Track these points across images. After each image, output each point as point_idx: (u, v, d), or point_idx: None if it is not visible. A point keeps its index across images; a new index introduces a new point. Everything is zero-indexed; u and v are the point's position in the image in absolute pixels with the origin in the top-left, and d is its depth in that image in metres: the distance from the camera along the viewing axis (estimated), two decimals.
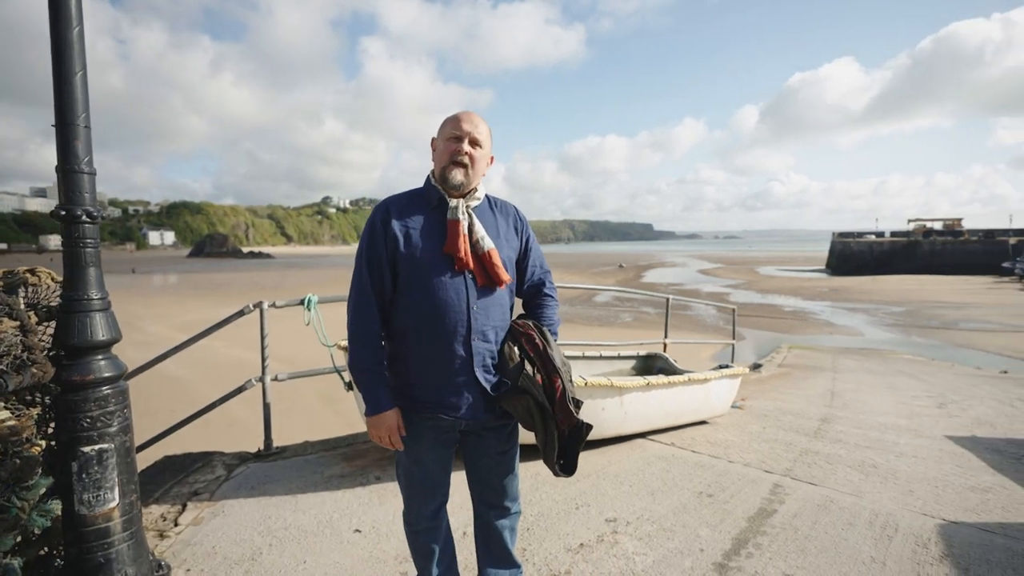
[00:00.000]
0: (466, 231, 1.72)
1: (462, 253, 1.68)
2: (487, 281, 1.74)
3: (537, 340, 1.77)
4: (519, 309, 1.99)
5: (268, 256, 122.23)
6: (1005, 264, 46.15)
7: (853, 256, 56.22)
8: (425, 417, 1.74)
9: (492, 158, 1.86)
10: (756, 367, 9.68)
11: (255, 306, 3.73)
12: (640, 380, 3.78)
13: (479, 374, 1.72)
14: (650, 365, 5.30)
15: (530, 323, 1.84)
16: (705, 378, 4.31)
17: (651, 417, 4.06)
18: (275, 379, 3.83)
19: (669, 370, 5.12)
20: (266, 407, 3.82)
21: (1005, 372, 10.60)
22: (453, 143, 1.73)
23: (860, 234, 60.55)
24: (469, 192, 1.79)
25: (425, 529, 1.86)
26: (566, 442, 1.75)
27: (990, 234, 54.39)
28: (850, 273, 51.01)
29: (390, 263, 1.71)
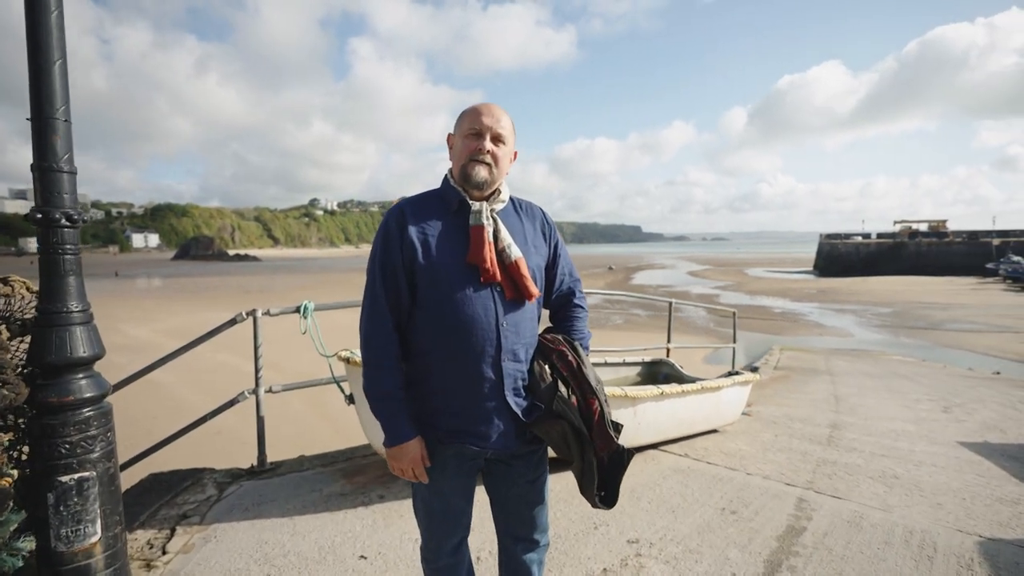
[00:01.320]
0: (491, 238, 1.54)
1: (488, 263, 1.50)
2: (516, 294, 1.55)
3: (570, 357, 1.61)
4: (544, 320, 1.81)
5: (255, 259, 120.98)
6: (989, 265, 46.78)
7: (840, 257, 56.73)
8: (449, 446, 1.56)
9: (516, 154, 1.66)
10: (753, 370, 9.60)
11: (248, 314, 3.52)
12: (653, 389, 3.63)
13: (510, 399, 1.54)
14: (655, 371, 5.16)
15: (560, 338, 1.67)
16: (718, 386, 4.16)
17: (664, 427, 3.91)
18: (269, 391, 3.62)
19: (676, 376, 4.98)
20: (260, 421, 3.61)
21: (998, 373, 10.61)
22: (472, 140, 1.55)
23: (847, 236, 61.14)
24: (492, 194, 1.61)
25: (446, 566, 1.67)
26: (606, 470, 1.57)
27: (974, 235, 55.18)
28: (837, 274, 51.43)
29: (407, 273, 1.53)
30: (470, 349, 1.50)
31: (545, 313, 1.78)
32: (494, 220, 1.57)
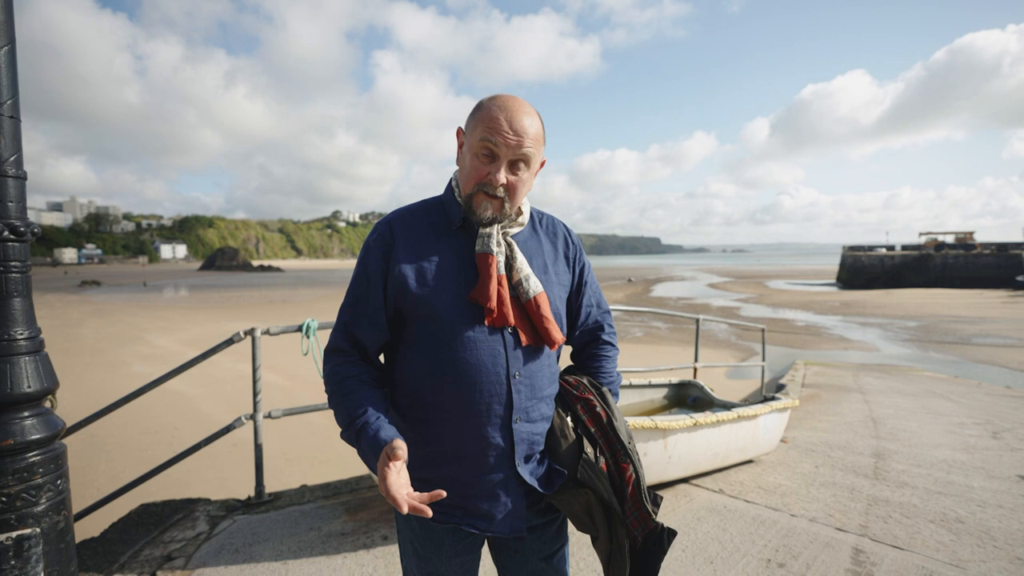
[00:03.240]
0: (503, 269, 1.22)
1: (494, 303, 1.18)
2: (534, 339, 1.24)
3: (599, 408, 1.31)
4: (565, 357, 1.50)
5: (278, 270, 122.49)
6: (1019, 278, 45.38)
7: (864, 269, 55.53)
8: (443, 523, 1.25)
9: (543, 162, 1.29)
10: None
11: (246, 333, 3.26)
12: (686, 419, 3.28)
13: (523, 469, 1.23)
14: (683, 394, 4.80)
15: (585, 382, 1.36)
16: (755, 413, 3.80)
17: (697, 460, 3.55)
18: (269, 416, 3.35)
19: (705, 399, 4.62)
20: (257, 449, 3.33)
21: None
22: (484, 163, 1.18)
23: (871, 247, 59.92)
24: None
25: None
26: (641, 555, 1.25)
27: (1003, 247, 53.67)
28: (861, 287, 50.32)
29: (388, 305, 1.23)
30: (473, 407, 1.18)
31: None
32: (508, 245, 1.26)
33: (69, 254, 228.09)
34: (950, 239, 62.94)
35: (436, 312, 1.19)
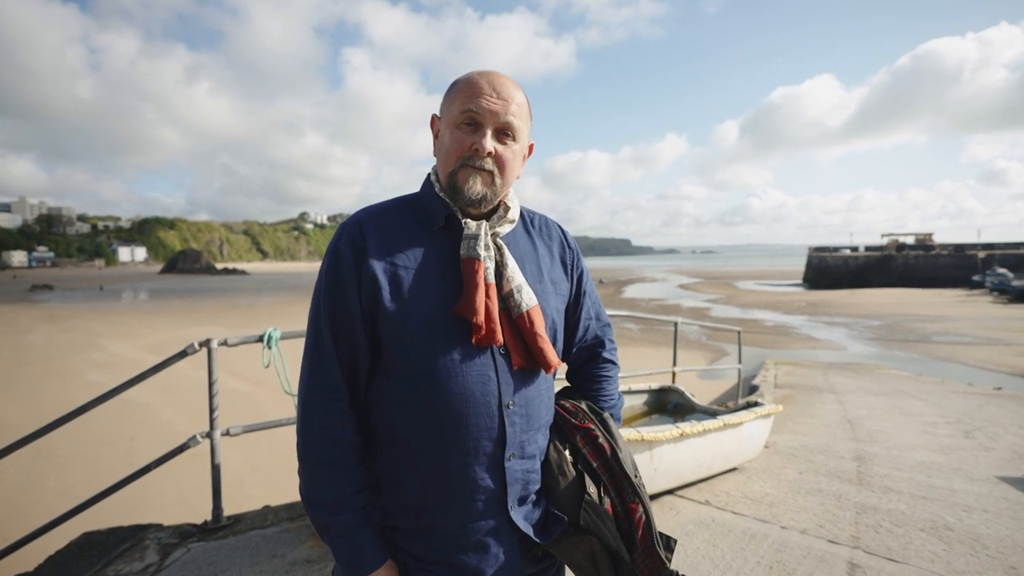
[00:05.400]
0: (492, 277, 1.04)
1: (481, 317, 0.99)
2: (527, 361, 1.06)
3: (601, 440, 1.13)
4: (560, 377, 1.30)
5: (243, 272, 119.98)
6: (975, 277, 47.29)
7: (829, 270, 57.11)
8: None
9: (531, 146, 1.14)
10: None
11: (201, 345, 3.00)
12: (672, 430, 3.16)
13: (516, 514, 1.05)
14: (664, 399, 4.70)
15: (584, 407, 1.19)
16: (739, 421, 3.70)
17: (683, 470, 3.43)
18: (226, 434, 3.10)
19: (686, 405, 4.52)
20: (215, 470, 3.07)
21: (999, 388, 10.40)
22: (467, 133, 1.03)
23: (836, 248, 61.69)
24: (495, 208, 1.12)
25: None
26: None
27: (960, 248, 55.92)
28: (827, 287, 51.70)
29: (367, 321, 1.02)
30: (458, 443, 0.99)
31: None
32: (497, 248, 1.08)
33: (19, 257, 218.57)
34: (911, 240, 65.33)
35: (414, 331, 1.00)
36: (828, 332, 22.79)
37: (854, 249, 61.33)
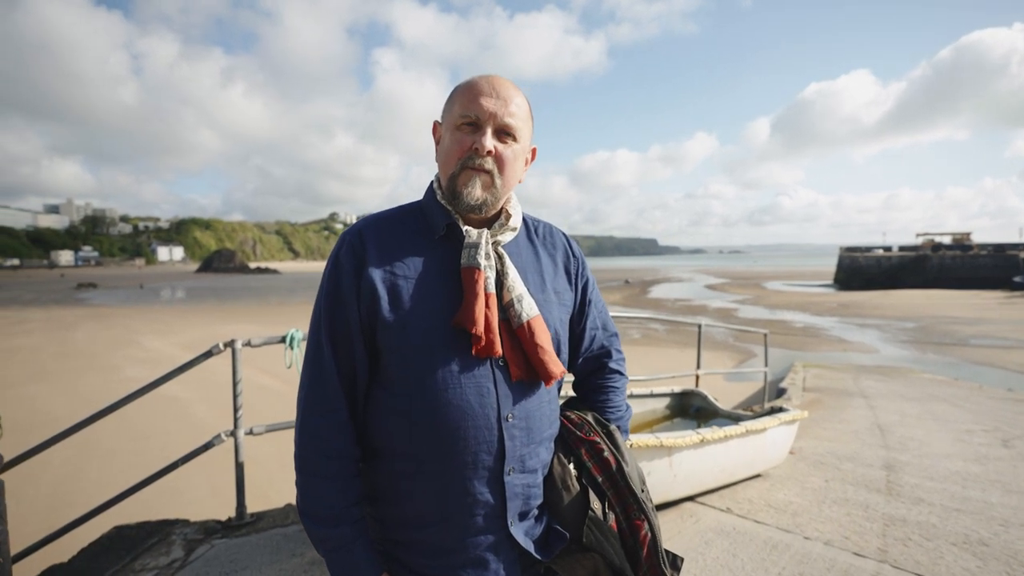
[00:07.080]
0: (492, 287, 1.04)
1: (480, 328, 0.99)
2: (527, 373, 1.05)
3: (607, 454, 1.12)
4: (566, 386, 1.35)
5: (275, 272, 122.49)
6: (1016, 278, 45.51)
7: (861, 271, 55.66)
8: None
9: (534, 151, 1.15)
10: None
11: (226, 345, 3.15)
12: (693, 436, 3.22)
13: (516, 530, 1.05)
14: (686, 403, 4.74)
15: (590, 419, 1.18)
16: (763, 427, 3.72)
17: (704, 477, 3.48)
18: (250, 433, 3.25)
19: (709, 409, 4.56)
20: (238, 468, 3.22)
21: None
22: (466, 134, 1.04)
23: (867, 248, 60.08)
24: (496, 215, 1.12)
25: None
26: None
27: (1000, 248, 53.85)
28: (858, 288, 50.42)
29: (366, 332, 1.03)
30: (456, 456, 1.00)
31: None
32: (498, 258, 1.08)
33: (66, 256, 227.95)
34: (947, 240, 63.22)
35: (413, 341, 1.00)
36: (859, 334, 22.21)
37: (887, 249, 59.65)
